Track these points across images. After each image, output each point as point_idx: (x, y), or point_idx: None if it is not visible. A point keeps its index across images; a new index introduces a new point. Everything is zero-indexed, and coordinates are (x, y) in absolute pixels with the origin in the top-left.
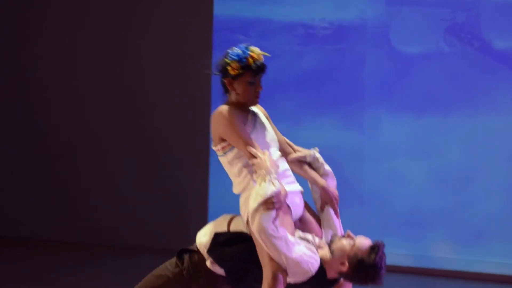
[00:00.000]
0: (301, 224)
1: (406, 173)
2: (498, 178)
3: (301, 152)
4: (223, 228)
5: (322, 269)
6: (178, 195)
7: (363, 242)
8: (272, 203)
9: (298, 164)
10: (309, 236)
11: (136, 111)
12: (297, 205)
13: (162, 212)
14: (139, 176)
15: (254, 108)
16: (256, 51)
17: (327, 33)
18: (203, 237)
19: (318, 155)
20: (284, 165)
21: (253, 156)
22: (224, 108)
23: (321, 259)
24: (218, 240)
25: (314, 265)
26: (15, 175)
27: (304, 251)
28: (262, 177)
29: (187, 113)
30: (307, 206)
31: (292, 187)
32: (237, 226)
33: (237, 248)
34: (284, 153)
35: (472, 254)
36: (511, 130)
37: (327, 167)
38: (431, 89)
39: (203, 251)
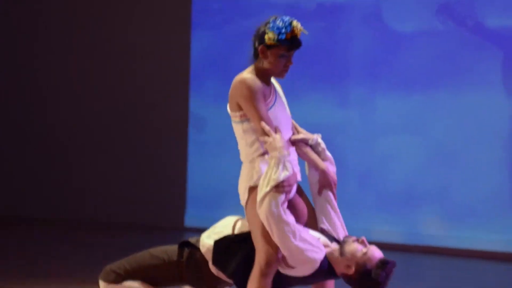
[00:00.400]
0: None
1: (395, 151)
2: (488, 155)
3: (304, 134)
4: (228, 230)
5: (330, 265)
6: (158, 174)
7: (375, 253)
8: (283, 187)
9: (299, 145)
10: (315, 233)
11: (120, 94)
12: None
13: (143, 190)
14: (121, 155)
15: (274, 82)
16: (297, 27)
17: (313, 10)
18: (207, 239)
19: (320, 140)
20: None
21: (266, 134)
22: (248, 77)
23: (328, 256)
24: (221, 246)
25: (319, 255)
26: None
27: (309, 240)
28: (276, 160)
29: (167, 95)
30: (300, 191)
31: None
32: (242, 228)
33: (241, 255)
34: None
35: (461, 230)
36: (498, 106)
37: (328, 153)
38: (420, 67)
39: (206, 253)
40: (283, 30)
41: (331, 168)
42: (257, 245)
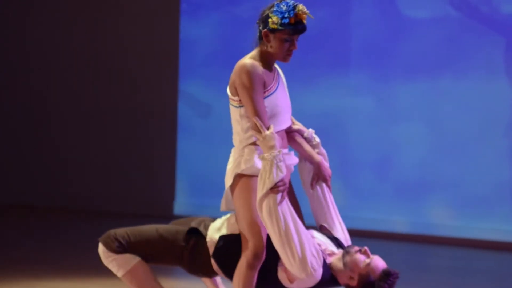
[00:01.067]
0: None
1: (407, 139)
2: (500, 144)
3: (300, 126)
4: (235, 228)
5: (333, 276)
6: (147, 162)
7: (378, 264)
8: (278, 188)
9: (295, 136)
10: (319, 235)
11: (109, 83)
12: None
13: (132, 178)
14: (110, 143)
15: (277, 68)
16: (302, 10)
17: None
18: (215, 233)
19: (315, 135)
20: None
21: (258, 129)
22: (249, 63)
23: (331, 266)
24: (224, 243)
25: (317, 262)
26: None
27: (311, 241)
28: (269, 163)
29: (157, 81)
30: (290, 188)
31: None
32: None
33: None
34: None
35: (473, 220)
36: (509, 94)
37: (322, 149)
38: (434, 54)
39: (210, 246)
40: (286, 15)
41: (325, 162)
42: (244, 236)
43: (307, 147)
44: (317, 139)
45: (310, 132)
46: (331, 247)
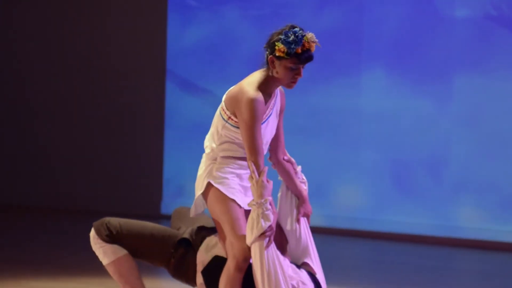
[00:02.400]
0: None
1: (451, 140)
2: None
3: (293, 160)
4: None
5: None
6: (134, 162)
7: None
8: (265, 234)
9: (287, 169)
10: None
11: (97, 82)
12: None
13: (119, 178)
14: (97, 143)
15: (279, 89)
16: (310, 39)
17: None
18: (208, 250)
19: (302, 173)
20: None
21: (252, 163)
22: (255, 98)
23: None
24: (216, 263)
25: None
26: None
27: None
28: (257, 212)
29: (144, 81)
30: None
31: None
32: None
33: None
34: (277, 148)
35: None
36: None
37: (306, 187)
38: (476, 53)
39: (200, 263)
40: (293, 45)
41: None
42: (229, 240)
43: (297, 181)
44: (304, 177)
45: (300, 168)
46: None
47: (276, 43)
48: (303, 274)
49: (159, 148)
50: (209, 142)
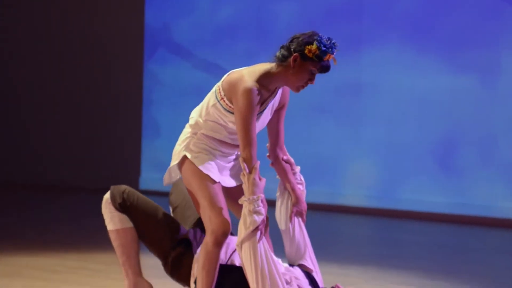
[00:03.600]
0: None
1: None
2: None
3: (292, 160)
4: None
5: None
6: (112, 137)
7: None
8: (257, 228)
9: (284, 168)
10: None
11: (76, 58)
12: None
13: (97, 153)
14: (76, 118)
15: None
16: (335, 53)
17: None
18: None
19: (300, 173)
20: None
21: (244, 160)
22: (252, 89)
23: None
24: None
25: None
26: None
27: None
28: (248, 208)
29: (122, 57)
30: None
31: None
32: (232, 261)
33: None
34: (275, 146)
35: None
36: None
37: (303, 188)
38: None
39: (194, 268)
40: (328, 50)
41: (303, 197)
42: (208, 215)
43: (292, 179)
44: (302, 179)
45: (299, 169)
46: None
47: (310, 44)
48: (297, 270)
49: (137, 124)
50: (196, 114)
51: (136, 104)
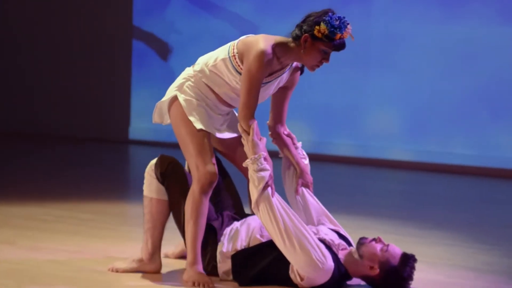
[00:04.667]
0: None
1: None
2: None
3: (293, 135)
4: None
5: (345, 271)
6: (101, 87)
7: (396, 250)
8: (267, 184)
9: (286, 142)
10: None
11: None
12: None
13: (87, 103)
14: (66, 69)
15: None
16: (348, 31)
17: None
18: (228, 243)
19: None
20: None
21: (247, 129)
22: (266, 53)
23: (345, 260)
24: (238, 261)
25: (322, 255)
26: None
27: (311, 236)
28: (252, 164)
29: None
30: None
31: None
32: (255, 241)
33: (260, 268)
34: (277, 123)
35: None
36: None
37: (306, 161)
38: None
39: (220, 254)
40: (337, 30)
41: (308, 170)
42: (194, 163)
43: (295, 152)
44: (305, 153)
45: (300, 144)
46: (344, 243)
47: (319, 24)
48: (322, 227)
49: (126, 72)
50: (202, 62)
51: (125, 53)
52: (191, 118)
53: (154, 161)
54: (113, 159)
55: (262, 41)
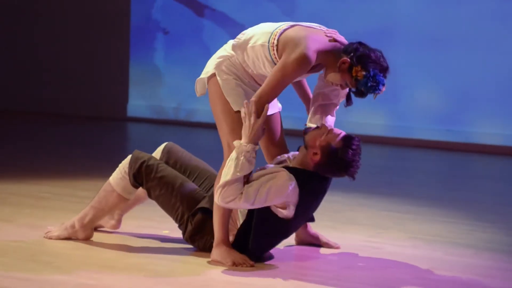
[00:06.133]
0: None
1: None
2: None
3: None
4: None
5: (303, 169)
6: (101, 66)
7: (337, 132)
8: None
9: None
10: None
11: None
12: None
13: (86, 81)
14: (60, 46)
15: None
16: (376, 93)
17: None
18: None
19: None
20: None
21: (249, 112)
22: (309, 58)
23: (296, 164)
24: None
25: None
26: None
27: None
28: (236, 152)
29: None
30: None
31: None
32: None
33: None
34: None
35: None
36: None
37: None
38: None
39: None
40: (365, 90)
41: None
42: (226, 141)
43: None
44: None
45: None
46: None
47: (362, 68)
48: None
49: (125, 51)
50: (245, 37)
51: (123, 29)
52: (229, 99)
53: (126, 161)
54: (112, 136)
55: (310, 44)
